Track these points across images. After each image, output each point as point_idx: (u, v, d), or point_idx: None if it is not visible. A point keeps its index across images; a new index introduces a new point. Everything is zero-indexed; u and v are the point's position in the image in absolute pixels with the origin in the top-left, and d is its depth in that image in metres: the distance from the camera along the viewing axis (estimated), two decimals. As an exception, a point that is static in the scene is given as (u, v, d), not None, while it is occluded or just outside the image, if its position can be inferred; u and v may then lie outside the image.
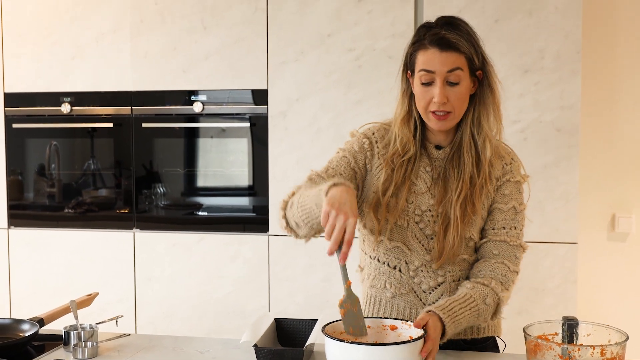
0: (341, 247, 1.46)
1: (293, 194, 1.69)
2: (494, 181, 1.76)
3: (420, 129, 1.76)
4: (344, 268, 1.51)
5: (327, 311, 2.98)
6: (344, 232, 1.44)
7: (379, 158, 1.78)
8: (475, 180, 1.73)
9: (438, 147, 1.78)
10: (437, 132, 1.76)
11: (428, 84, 1.68)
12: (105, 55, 3.27)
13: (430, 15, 2.94)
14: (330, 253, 1.46)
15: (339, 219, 1.44)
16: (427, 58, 1.66)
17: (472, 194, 1.72)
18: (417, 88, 1.71)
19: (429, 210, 1.76)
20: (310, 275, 3.12)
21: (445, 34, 1.65)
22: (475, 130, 1.73)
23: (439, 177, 1.76)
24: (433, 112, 1.69)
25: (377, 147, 1.79)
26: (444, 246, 1.73)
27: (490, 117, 1.73)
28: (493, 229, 1.76)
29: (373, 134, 1.81)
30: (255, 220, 3.21)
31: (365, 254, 1.87)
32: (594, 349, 1.46)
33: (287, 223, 1.70)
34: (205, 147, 3.29)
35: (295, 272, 3.14)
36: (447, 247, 1.73)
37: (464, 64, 1.66)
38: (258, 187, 3.22)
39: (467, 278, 1.78)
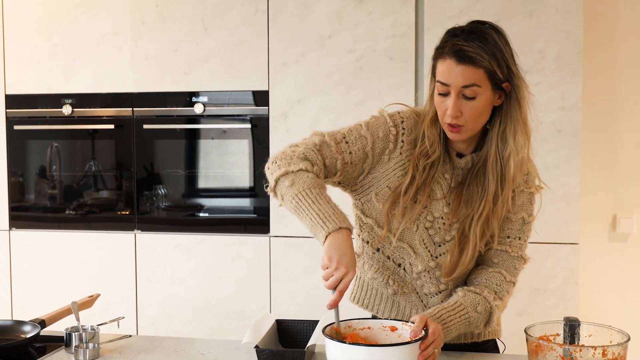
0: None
1: (292, 172, 1.60)
2: (511, 195, 1.71)
3: (443, 133, 1.70)
4: (336, 310, 1.54)
5: (328, 313, 2.99)
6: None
7: (401, 153, 1.71)
8: (499, 198, 1.67)
9: (460, 155, 1.73)
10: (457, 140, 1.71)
11: (444, 94, 1.62)
12: (106, 56, 3.27)
13: (430, 16, 2.94)
14: (330, 289, 1.52)
15: (337, 271, 1.48)
16: (444, 69, 1.60)
17: (494, 212, 1.68)
18: (435, 97, 1.66)
19: (441, 217, 1.72)
20: (310, 276, 3.12)
21: (463, 45, 1.56)
22: (501, 144, 1.66)
23: (457, 186, 1.72)
24: (447, 123, 1.64)
25: (402, 142, 1.71)
26: (458, 265, 1.70)
27: (517, 132, 1.63)
28: (497, 237, 1.73)
29: (402, 121, 1.72)
30: (256, 222, 3.21)
31: (366, 242, 1.80)
32: (595, 349, 1.45)
33: (275, 187, 1.64)
34: (206, 149, 3.29)
35: (296, 273, 3.14)
36: (462, 266, 1.70)
37: (483, 79, 1.58)
38: (259, 188, 3.22)
39: (465, 283, 1.77)
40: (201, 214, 3.29)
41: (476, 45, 1.56)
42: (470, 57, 1.56)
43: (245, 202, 3.29)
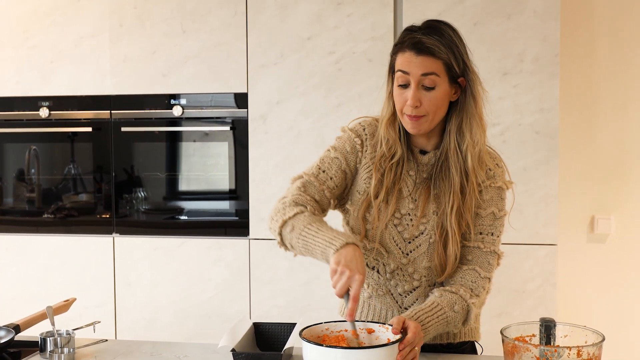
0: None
1: (288, 219, 1.66)
2: (477, 188, 1.75)
3: (404, 131, 1.76)
4: (352, 323, 1.52)
5: (308, 315, 2.99)
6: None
7: (365, 157, 1.78)
8: (466, 190, 1.72)
9: (423, 152, 1.78)
10: (418, 136, 1.76)
11: (404, 86, 1.68)
12: (84, 59, 3.25)
13: (409, 18, 2.95)
14: (340, 296, 1.51)
15: (343, 275, 1.48)
16: (404, 60, 1.67)
17: (464, 204, 1.72)
18: (394, 90, 1.71)
19: (408, 214, 1.76)
20: (291, 278, 3.11)
21: (422, 38, 1.65)
22: (459, 138, 1.72)
23: (423, 182, 1.76)
24: (407, 114, 1.69)
25: (366, 146, 1.78)
26: (447, 261, 1.73)
27: (472, 126, 1.70)
28: (469, 234, 1.75)
29: (364, 129, 1.80)
30: (236, 224, 3.20)
31: None
32: (570, 350, 1.46)
33: (282, 240, 1.69)
34: (186, 151, 3.28)
35: (277, 275, 3.14)
36: (450, 261, 1.72)
37: (441, 70, 1.65)
38: (239, 190, 3.21)
39: (441, 283, 1.79)
40: (181, 217, 3.28)
41: (434, 38, 1.65)
42: (429, 48, 1.64)
43: (225, 205, 3.28)
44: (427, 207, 1.75)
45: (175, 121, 3.23)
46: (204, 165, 3.28)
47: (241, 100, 3.15)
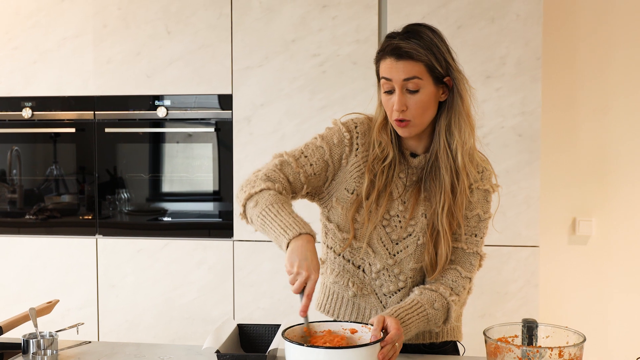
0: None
1: (254, 193, 1.69)
2: (468, 187, 1.76)
3: (395, 134, 1.77)
4: (305, 319, 1.56)
5: (292, 317, 2.99)
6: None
7: (356, 155, 1.78)
8: (456, 189, 1.73)
9: (413, 155, 1.79)
10: (409, 138, 1.77)
11: (390, 92, 1.69)
12: (68, 60, 3.24)
13: (393, 21, 2.97)
14: (297, 293, 1.56)
15: (300, 275, 1.54)
16: (386, 67, 1.69)
17: (455, 203, 1.73)
18: (382, 96, 1.73)
19: (397, 215, 1.77)
20: (275, 280, 3.12)
21: (400, 43, 1.66)
22: (449, 137, 1.73)
23: (413, 185, 1.77)
24: (395, 119, 1.70)
25: (357, 144, 1.79)
26: (437, 260, 1.74)
27: (461, 124, 1.72)
28: (454, 234, 1.77)
29: (356, 126, 1.80)
30: (220, 226, 3.20)
31: (329, 248, 1.85)
32: (552, 350, 1.48)
33: (244, 212, 1.73)
34: (171, 152, 3.27)
35: (260, 277, 3.14)
36: (441, 261, 1.74)
37: (423, 72, 1.66)
38: (223, 192, 3.21)
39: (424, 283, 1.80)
40: (165, 219, 3.27)
41: (413, 42, 1.66)
42: (408, 52, 1.65)
43: (209, 206, 3.27)
44: (416, 209, 1.77)
45: (159, 122, 3.22)
46: (188, 167, 3.27)
47: (226, 101, 3.15)
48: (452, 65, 1.70)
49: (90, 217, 3.29)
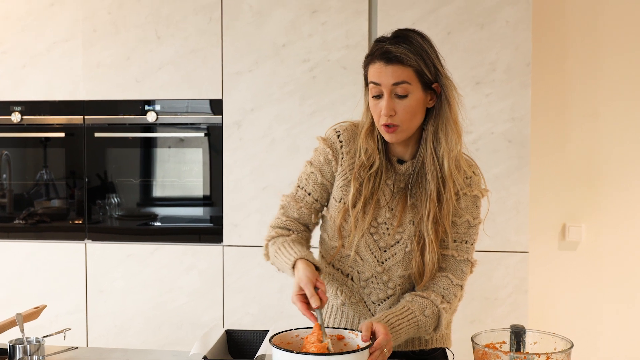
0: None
1: (273, 238, 1.80)
2: (454, 196, 1.75)
3: (382, 141, 1.76)
4: (319, 312, 1.57)
5: (281, 323, 2.98)
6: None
7: (341, 164, 1.78)
8: (443, 197, 1.72)
9: (400, 162, 1.78)
10: (396, 145, 1.76)
11: (378, 96, 1.69)
12: (57, 64, 3.23)
13: (383, 26, 2.97)
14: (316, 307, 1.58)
15: (306, 290, 1.58)
16: (375, 71, 1.68)
17: (441, 211, 1.72)
18: (369, 101, 1.72)
19: (384, 223, 1.76)
20: (264, 286, 3.11)
21: (390, 47, 1.65)
22: (436, 144, 1.72)
23: (400, 192, 1.77)
24: (383, 124, 1.70)
25: (342, 153, 1.79)
26: (424, 268, 1.74)
27: (448, 131, 1.71)
28: (443, 242, 1.76)
29: (338, 136, 1.80)
30: (210, 231, 3.19)
31: (322, 257, 1.87)
32: (539, 356, 1.48)
33: (273, 263, 1.82)
34: (161, 157, 3.26)
35: (250, 282, 3.13)
36: (428, 269, 1.73)
37: (412, 77, 1.66)
38: (214, 197, 3.20)
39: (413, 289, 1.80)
40: (155, 224, 3.26)
41: (403, 47, 1.66)
42: (398, 56, 1.65)
43: (199, 211, 3.27)
44: (403, 217, 1.76)
45: (150, 127, 3.21)
46: (178, 172, 3.27)
47: (216, 106, 3.15)
48: (440, 72, 1.70)
49: (80, 222, 3.28)
